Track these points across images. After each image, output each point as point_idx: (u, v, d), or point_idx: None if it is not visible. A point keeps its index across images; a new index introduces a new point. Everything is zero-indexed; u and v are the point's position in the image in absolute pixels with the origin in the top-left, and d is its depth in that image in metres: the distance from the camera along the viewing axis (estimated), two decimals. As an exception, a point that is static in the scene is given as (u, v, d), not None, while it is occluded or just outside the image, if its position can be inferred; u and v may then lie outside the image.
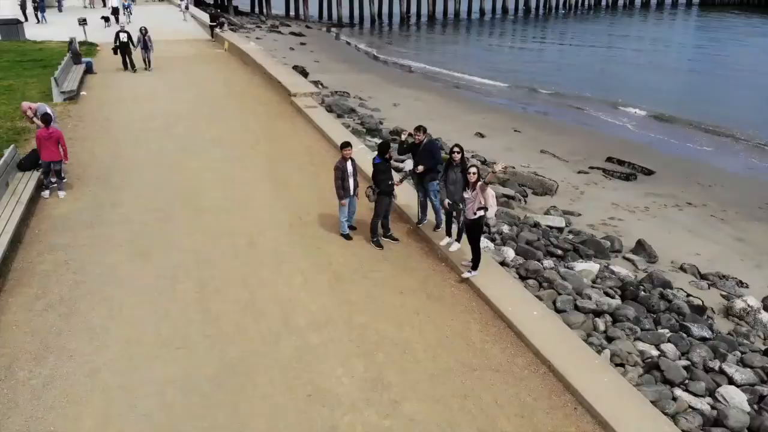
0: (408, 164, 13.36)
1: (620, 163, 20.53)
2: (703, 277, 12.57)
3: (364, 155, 12.78)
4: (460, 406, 6.35)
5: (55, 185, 11.27)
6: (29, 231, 9.94)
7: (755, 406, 7.92)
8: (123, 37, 22.85)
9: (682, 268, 12.82)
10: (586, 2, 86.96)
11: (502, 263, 10.10)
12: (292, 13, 66.36)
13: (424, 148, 9.75)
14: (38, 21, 37.96)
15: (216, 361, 6.94)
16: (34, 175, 11.50)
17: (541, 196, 16.45)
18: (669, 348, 8.69)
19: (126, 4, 34.29)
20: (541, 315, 7.80)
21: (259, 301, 8.11)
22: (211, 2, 61.32)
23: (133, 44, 23.22)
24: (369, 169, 10.07)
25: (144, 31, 22.79)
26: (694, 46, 52.48)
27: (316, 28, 60.25)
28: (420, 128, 9.84)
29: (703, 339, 9.32)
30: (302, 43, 47.60)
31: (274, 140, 15.09)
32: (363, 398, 6.40)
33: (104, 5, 46.39)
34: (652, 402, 6.70)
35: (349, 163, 9.47)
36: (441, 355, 7.15)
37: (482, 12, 74.08)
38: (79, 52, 23.44)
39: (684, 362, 8.47)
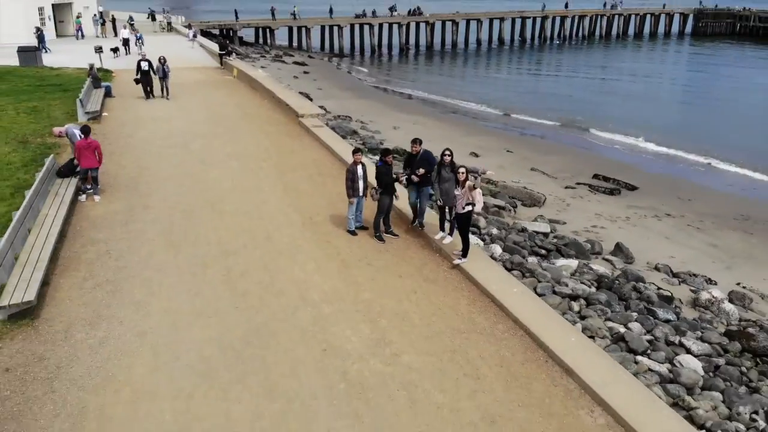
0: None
1: (606, 179, 21.94)
2: (675, 275, 13.84)
3: (369, 165, 14.11)
4: (449, 359, 7.58)
5: (91, 190, 12.60)
6: (72, 228, 11.24)
7: (710, 373, 9.15)
8: (144, 65, 23.74)
9: (656, 268, 14.11)
10: (580, 33, 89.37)
11: (491, 257, 11.38)
12: (295, 44, 68.49)
13: (421, 157, 11.14)
14: (41, 50, 38.84)
15: (244, 326, 8.19)
16: (72, 182, 12.84)
17: (529, 207, 17.79)
18: (635, 326, 9.93)
19: (138, 35, 35.72)
20: (521, 292, 9.08)
21: (278, 282, 9.39)
22: (217, 33, 63.36)
23: (153, 72, 24.01)
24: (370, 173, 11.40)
25: (163, 60, 23.68)
26: (684, 77, 54.37)
27: (318, 58, 62.27)
28: (416, 140, 11.26)
29: (668, 321, 10.56)
30: (305, 72, 49.40)
31: (284, 155, 16.48)
32: (369, 352, 7.64)
33: (115, 35, 48.34)
34: (613, 360, 7.93)
35: (359, 167, 10.83)
36: (434, 322, 8.40)
37: (479, 43, 76.31)
38: (99, 77, 24.95)
39: (648, 337, 9.71)
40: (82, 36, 47.13)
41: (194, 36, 46.14)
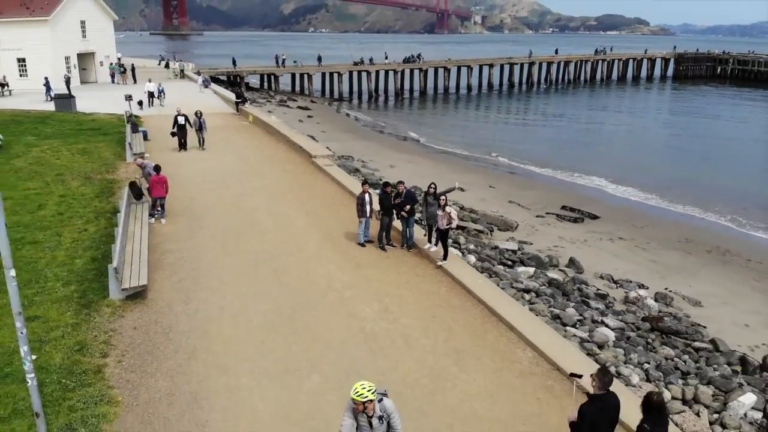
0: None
1: (572, 210, 25.76)
2: (615, 281, 17.53)
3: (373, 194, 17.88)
4: (432, 321, 11.20)
5: (159, 214, 16.27)
6: (150, 242, 14.89)
7: (622, 341, 12.74)
8: (181, 120, 25.53)
9: (600, 276, 17.80)
10: (566, 77, 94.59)
11: (466, 263, 15.04)
12: (297, 88, 73.13)
13: (406, 195, 14.79)
14: (47, 100, 40.56)
15: (292, 302, 11.80)
16: (141, 206, 16.51)
17: (504, 231, 21.55)
18: (570, 311, 13.57)
19: (160, 88, 38.74)
20: (484, 282, 12.75)
21: (311, 276, 13.03)
22: (225, 79, 67.93)
23: (190, 125, 25.81)
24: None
25: (199, 114, 25.66)
26: (663, 121, 58.96)
27: (319, 102, 66.77)
28: (401, 182, 15.01)
29: (598, 309, 14.20)
30: (309, 116, 53.64)
31: (303, 188, 20.27)
32: (378, 317, 11.25)
33: (134, 81, 52.70)
34: (545, 324, 11.54)
35: (366, 195, 14.57)
36: (422, 300, 12.04)
37: (470, 88, 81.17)
38: (137, 123, 28.85)
39: (578, 317, 13.34)
40: (115, 82, 51.97)
41: (206, 84, 50.56)
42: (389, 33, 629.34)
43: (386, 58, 77.44)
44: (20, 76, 47.71)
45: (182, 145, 25.85)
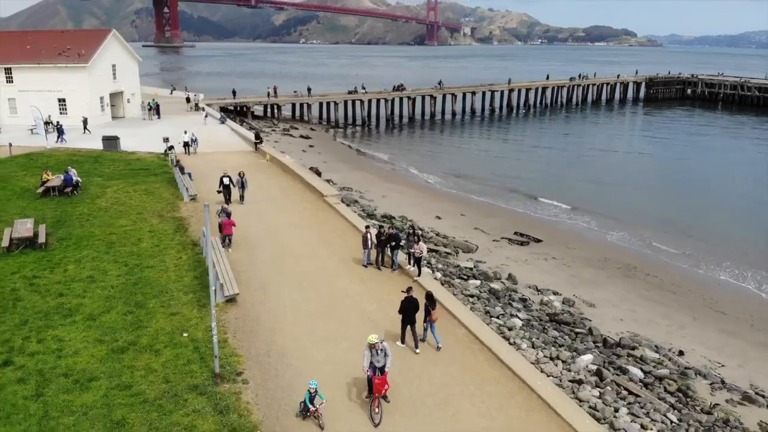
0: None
1: (521, 235, 33.66)
2: (538, 290, 25.39)
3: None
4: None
5: (228, 246, 23.93)
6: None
7: (525, 327, 20.55)
8: (226, 180, 29.71)
9: (528, 287, 25.66)
10: (544, 102, 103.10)
11: (433, 278, 22.81)
12: (297, 115, 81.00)
13: (391, 235, 22.46)
14: (57, 141, 46.29)
15: (324, 303, 19.52)
16: (216, 240, 24.12)
17: (466, 253, 29.39)
18: (498, 308, 21.38)
19: (194, 138, 44.37)
20: (438, 286, 20.54)
21: (334, 287, 20.77)
22: (233, 109, 75.67)
23: (233, 184, 30.01)
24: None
25: (242, 174, 30.44)
26: (625, 151, 67.31)
27: (318, 129, 74.70)
28: (391, 225, 22.87)
29: (516, 308, 22.02)
30: (311, 146, 61.49)
31: (320, 223, 28.02)
32: (377, 311, 18.99)
33: (158, 116, 60.27)
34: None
35: (368, 234, 22.32)
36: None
37: (454, 113, 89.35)
38: (183, 166, 36.38)
39: (501, 312, 21.15)
40: (143, 118, 59.69)
41: (222, 120, 58.30)
42: (379, 44, 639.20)
43: (364, 89, 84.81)
44: (60, 113, 55.21)
45: (227, 201, 29.28)
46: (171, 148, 41.41)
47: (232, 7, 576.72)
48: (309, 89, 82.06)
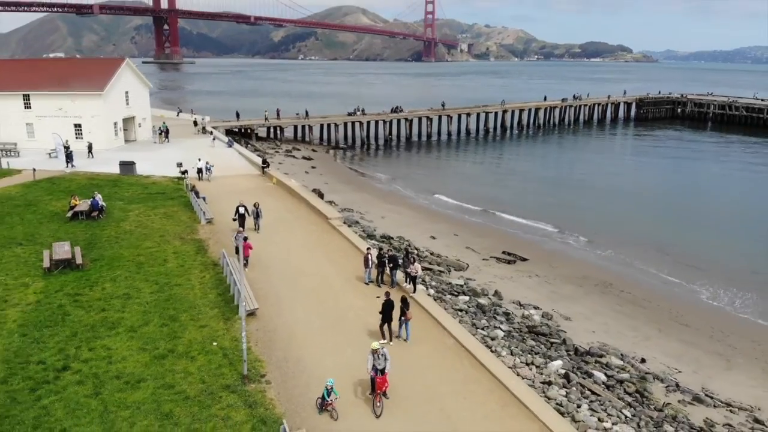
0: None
1: (509, 254, 36.74)
2: (520, 305, 28.44)
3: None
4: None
5: (246, 264, 26.96)
6: (243, 283, 25.61)
7: (506, 337, 23.58)
8: (242, 210, 31.50)
9: (512, 302, 28.70)
10: (537, 122, 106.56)
11: (427, 294, 25.85)
12: (299, 136, 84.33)
13: (390, 257, 25.60)
14: (67, 166, 48.54)
15: (332, 316, 22.53)
16: (232, 259, 27.18)
17: (458, 271, 32.45)
18: (483, 321, 24.42)
19: (208, 166, 46.57)
20: (435, 306, 23.59)
21: (340, 303, 23.80)
22: (237, 130, 78.95)
23: (248, 213, 31.86)
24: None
25: (257, 205, 32.31)
26: (613, 173, 70.65)
27: (319, 150, 77.97)
28: (390, 248, 25.97)
29: (500, 320, 25.06)
30: (313, 167, 64.65)
31: (325, 244, 31.08)
32: (376, 322, 22.04)
33: (167, 139, 63.45)
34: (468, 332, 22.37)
35: (369, 255, 25.39)
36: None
37: (449, 134, 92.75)
38: (198, 191, 39.39)
39: (486, 324, 24.18)
40: (154, 141, 62.90)
41: (230, 143, 61.52)
42: (377, 60, 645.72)
43: (363, 111, 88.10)
44: (76, 138, 58.33)
45: (241, 227, 30.69)
46: (185, 172, 44.44)
47: (231, 24, 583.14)
48: (306, 112, 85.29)
